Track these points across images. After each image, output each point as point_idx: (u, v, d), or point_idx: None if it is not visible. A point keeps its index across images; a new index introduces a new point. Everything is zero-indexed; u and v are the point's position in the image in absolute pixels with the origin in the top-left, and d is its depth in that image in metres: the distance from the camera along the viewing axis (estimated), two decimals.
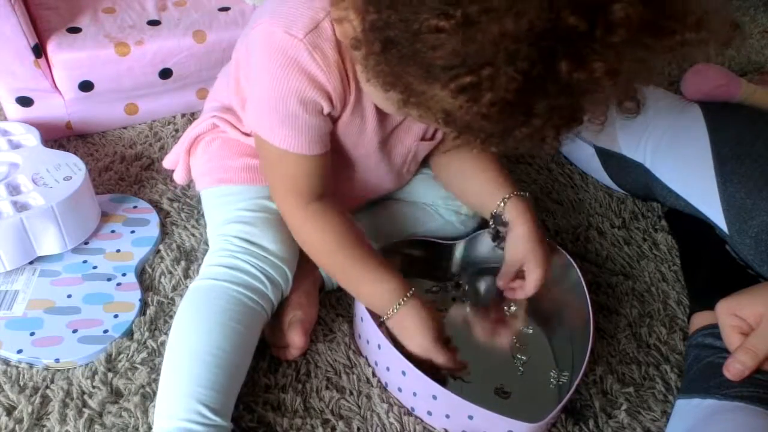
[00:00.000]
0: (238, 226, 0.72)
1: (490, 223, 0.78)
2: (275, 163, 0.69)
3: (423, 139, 0.77)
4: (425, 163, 0.85)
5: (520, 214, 0.75)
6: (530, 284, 0.75)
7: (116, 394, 0.70)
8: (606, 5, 0.43)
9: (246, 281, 0.69)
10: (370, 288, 0.70)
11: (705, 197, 0.85)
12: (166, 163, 0.87)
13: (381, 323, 0.70)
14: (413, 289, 0.69)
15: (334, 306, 0.81)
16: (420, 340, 0.68)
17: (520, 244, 0.75)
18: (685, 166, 0.89)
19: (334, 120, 0.69)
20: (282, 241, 0.72)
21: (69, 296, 0.78)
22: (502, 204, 0.75)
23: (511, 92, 0.45)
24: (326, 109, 0.65)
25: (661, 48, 0.47)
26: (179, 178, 0.86)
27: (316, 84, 0.62)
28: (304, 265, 0.78)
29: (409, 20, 0.46)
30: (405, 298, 0.68)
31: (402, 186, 0.85)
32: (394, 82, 0.52)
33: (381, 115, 0.70)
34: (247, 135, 0.78)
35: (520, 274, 0.77)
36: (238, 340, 0.66)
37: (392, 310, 0.68)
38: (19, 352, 0.72)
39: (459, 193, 0.83)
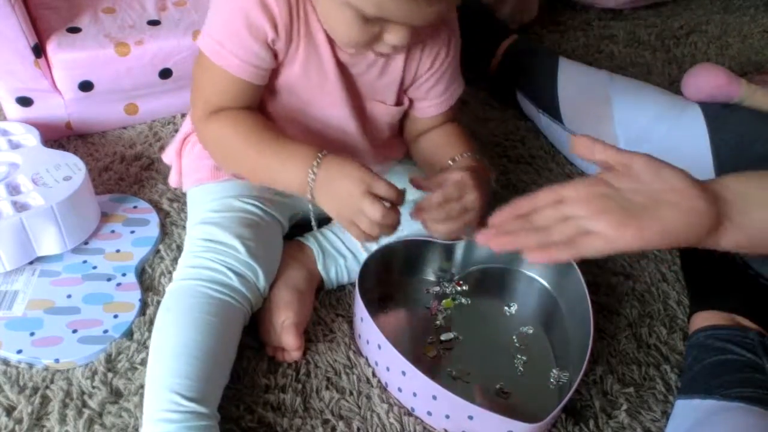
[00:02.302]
0: (202, 228, 0.74)
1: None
2: (202, 73, 0.72)
3: (395, 103, 0.79)
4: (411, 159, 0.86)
5: (465, 164, 0.74)
6: (447, 179, 0.69)
7: (116, 394, 0.70)
8: None
9: (210, 276, 0.70)
10: (282, 175, 0.69)
11: None
12: (165, 157, 0.89)
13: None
14: (324, 151, 0.67)
15: (334, 306, 0.81)
16: (355, 191, 0.63)
17: (455, 168, 0.72)
18: (684, 166, 0.88)
19: (280, 59, 0.70)
20: (247, 236, 0.73)
21: (69, 296, 0.78)
22: (451, 162, 0.75)
23: None
24: (270, 36, 0.67)
25: None
26: (172, 181, 0.87)
27: (264, 7, 0.66)
28: (295, 264, 0.78)
29: None
30: (317, 161, 0.66)
31: (381, 163, 0.85)
32: None
33: (340, 62, 0.72)
34: None
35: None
36: (210, 330, 0.66)
37: (311, 181, 0.66)
38: (19, 352, 0.72)
39: (429, 173, 0.82)
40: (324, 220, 0.89)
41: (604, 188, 0.56)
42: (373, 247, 0.77)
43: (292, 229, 0.85)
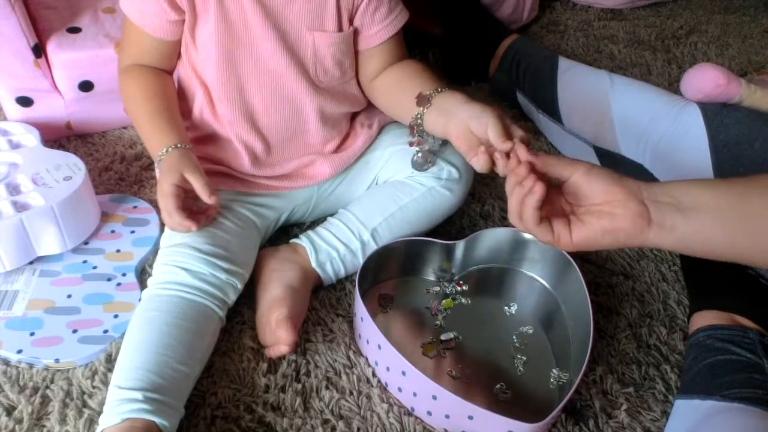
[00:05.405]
0: (164, 238, 0.77)
1: (415, 118, 0.77)
2: (123, 29, 0.81)
3: (319, 30, 0.78)
4: (395, 141, 0.87)
5: (450, 93, 0.75)
6: (495, 132, 0.67)
7: None
8: None
9: (160, 278, 0.72)
10: (147, 145, 0.79)
11: None
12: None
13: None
14: (185, 145, 0.75)
15: (334, 306, 0.81)
16: (163, 184, 0.72)
17: (453, 106, 0.73)
18: (684, 166, 0.89)
19: (192, 16, 0.75)
20: (200, 234, 0.74)
21: (69, 296, 0.78)
22: (435, 94, 0.76)
23: None
24: None
25: None
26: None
27: None
28: (290, 264, 0.79)
29: None
30: (170, 148, 0.74)
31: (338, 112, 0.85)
32: None
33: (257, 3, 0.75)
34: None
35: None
36: (149, 325, 0.68)
37: (159, 156, 0.74)
38: (19, 352, 0.72)
39: (396, 110, 0.84)
40: (317, 220, 0.89)
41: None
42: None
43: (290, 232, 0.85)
